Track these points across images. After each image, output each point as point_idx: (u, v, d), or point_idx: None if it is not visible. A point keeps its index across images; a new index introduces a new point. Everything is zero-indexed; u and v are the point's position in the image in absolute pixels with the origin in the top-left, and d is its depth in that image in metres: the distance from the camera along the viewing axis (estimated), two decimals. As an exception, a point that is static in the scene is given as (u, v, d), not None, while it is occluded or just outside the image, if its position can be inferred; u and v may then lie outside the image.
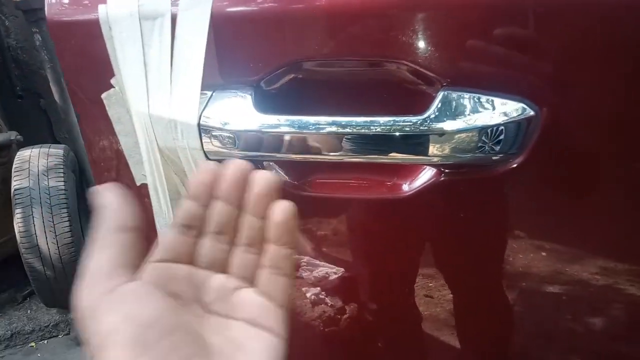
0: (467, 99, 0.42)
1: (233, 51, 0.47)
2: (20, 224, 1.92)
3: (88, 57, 0.50)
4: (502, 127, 0.41)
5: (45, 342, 2.21)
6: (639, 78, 0.39)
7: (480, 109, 0.42)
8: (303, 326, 0.57)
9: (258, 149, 0.45)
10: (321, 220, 0.50)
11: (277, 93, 0.47)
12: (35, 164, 2.00)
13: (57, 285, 2.03)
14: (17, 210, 1.92)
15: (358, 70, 0.45)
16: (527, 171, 0.43)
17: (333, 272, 0.52)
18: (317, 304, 0.56)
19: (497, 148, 0.42)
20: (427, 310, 0.53)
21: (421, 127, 0.42)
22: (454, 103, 0.42)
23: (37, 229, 1.91)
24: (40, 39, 2.17)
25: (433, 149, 0.43)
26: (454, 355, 0.58)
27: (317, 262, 0.52)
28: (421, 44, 0.42)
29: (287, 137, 0.44)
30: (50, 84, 2.27)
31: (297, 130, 0.44)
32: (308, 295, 0.55)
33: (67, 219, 1.97)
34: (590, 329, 0.52)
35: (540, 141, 0.42)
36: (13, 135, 2.18)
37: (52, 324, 2.23)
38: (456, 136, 0.42)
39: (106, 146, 0.53)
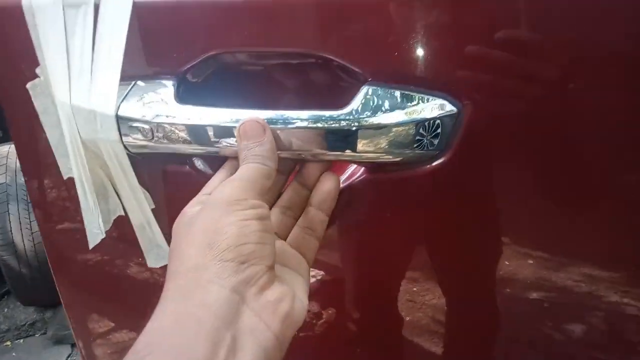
0: (389, 95, 0.41)
1: (156, 41, 0.45)
2: (-4, 221, 1.90)
3: (13, 44, 0.49)
4: (424, 124, 0.40)
5: (21, 341, 2.18)
6: (558, 74, 0.38)
7: (402, 105, 0.40)
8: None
9: (177, 142, 0.44)
10: None
11: (201, 85, 0.46)
12: (14, 160, 1.98)
13: (33, 283, 2.01)
14: (-6, 207, 1.90)
15: (282, 63, 0.44)
16: (451, 169, 0.42)
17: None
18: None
19: (419, 146, 0.41)
20: (364, 309, 0.51)
21: (341, 121, 0.40)
22: (376, 98, 0.41)
23: (12, 226, 1.89)
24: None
25: (356, 145, 0.41)
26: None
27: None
28: (344, 38, 0.40)
29: (206, 130, 0.43)
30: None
31: (217, 123, 0.42)
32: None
33: (44, 216, 1.95)
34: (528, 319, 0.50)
35: (464, 139, 0.41)
36: (-6, 130, 2.16)
37: (28, 322, 2.20)
38: (377, 132, 0.40)
39: (33, 138, 0.52)
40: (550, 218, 0.43)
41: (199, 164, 0.48)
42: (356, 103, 0.41)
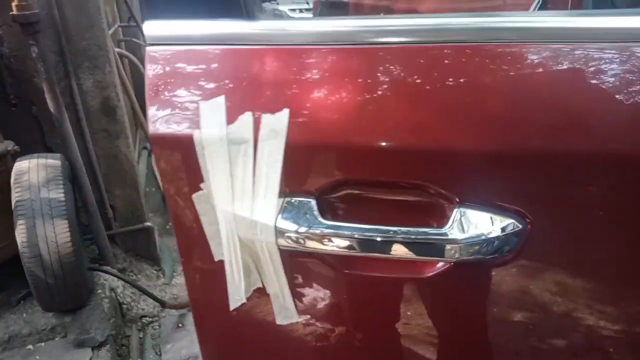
0: (474, 215, 0.59)
1: (299, 168, 0.62)
2: (22, 235, 1.99)
3: (180, 165, 0.64)
4: (498, 238, 0.58)
5: (42, 344, 2.30)
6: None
7: (483, 223, 0.59)
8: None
9: (319, 248, 0.61)
10: (363, 295, 0.67)
11: (332, 202, 0.62)
12: (35, 175, 2.07)
13: (57, 292, 2.13)
14: (20, 222, 1.99)
15: (395, 188, 0.61)
16: (514, 265, 0.61)
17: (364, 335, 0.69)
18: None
19: (494, 251, 0.59)
20: None
21: (441, 237, 0.58)
22: (465, 218, 0.59)
23: (39, 240, 1.99)
24: (37, 50, 2.21)
25: (448, 251, 0.59)
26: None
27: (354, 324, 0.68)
28: (443, 173, 0.58)
29: (343, 241, 0.60)
30: (45, 94, 2.31)
31: (351, 236, 0.60)
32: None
33: (67, 229, 2.05)
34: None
35: (525, 245, 0.59)
36: (10, 145, 2.23)
37: (49, 327, 2.31)
38: (461, 243, 0.59)
39: (192, 230, 0.67)
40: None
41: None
42: (451, 221, 0.59)
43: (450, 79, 0.57)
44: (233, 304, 0.69)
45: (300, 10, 6.55)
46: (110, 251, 2.62)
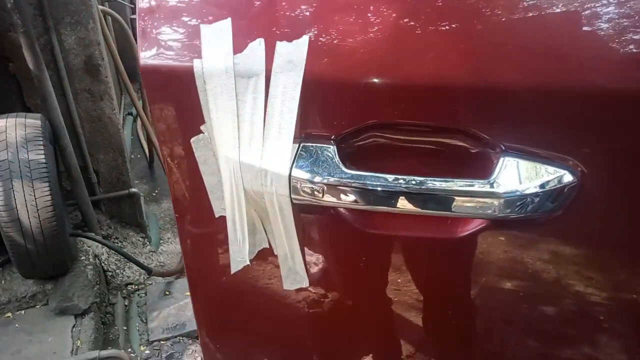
0: (521, 165, 0.50)
1: (318, 109, 0.52)
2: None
3: (177, 103, 0.55)
4: (549, 192, 0.50)
5: (23, 312, 2.21)
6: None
7: (530, 174, 0.50)
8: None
9: (340, 200, 0.52)
10: (385, 257, 0.59)
11: (356, 150, 0.54)
12: (13, 135, 1.94)
13: (38, 258, 2.03)
14: (-4, 183, 1.87)
15: (429, 134, 0.53)
16: (564, 223, 0.53)
17: (393, 297, 0.61)
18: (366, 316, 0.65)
19: (543, 207, 0.51)
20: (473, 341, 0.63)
21: (484, 189, 0.50)
22: (511, 168, 0.50)
23: (17, 203, 1.88)
24: (12, 1, 2.05)
25: (489, 207, 0.51)
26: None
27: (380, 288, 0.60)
28: (484, 115, 0.50)
29: (368, 191, 0.51)
30: (23, 49, 2.16)
31: (376, 185, 0.51)
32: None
33: (48, 192, 1.94)
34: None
35: (577, 200, 0.51)
36: (-15, 103, 2.08)
37: (29, 294, 2.22)
38: (512, 197, 0.51)
39: (188, 181, 0.58)
40: None
41: (342, 211, 0.57)
42: (496, 172, 0.50)
43: (497, 9, 0.48)
44: (235, 267, 0.61)
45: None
46: (94, 217, 2.51)
